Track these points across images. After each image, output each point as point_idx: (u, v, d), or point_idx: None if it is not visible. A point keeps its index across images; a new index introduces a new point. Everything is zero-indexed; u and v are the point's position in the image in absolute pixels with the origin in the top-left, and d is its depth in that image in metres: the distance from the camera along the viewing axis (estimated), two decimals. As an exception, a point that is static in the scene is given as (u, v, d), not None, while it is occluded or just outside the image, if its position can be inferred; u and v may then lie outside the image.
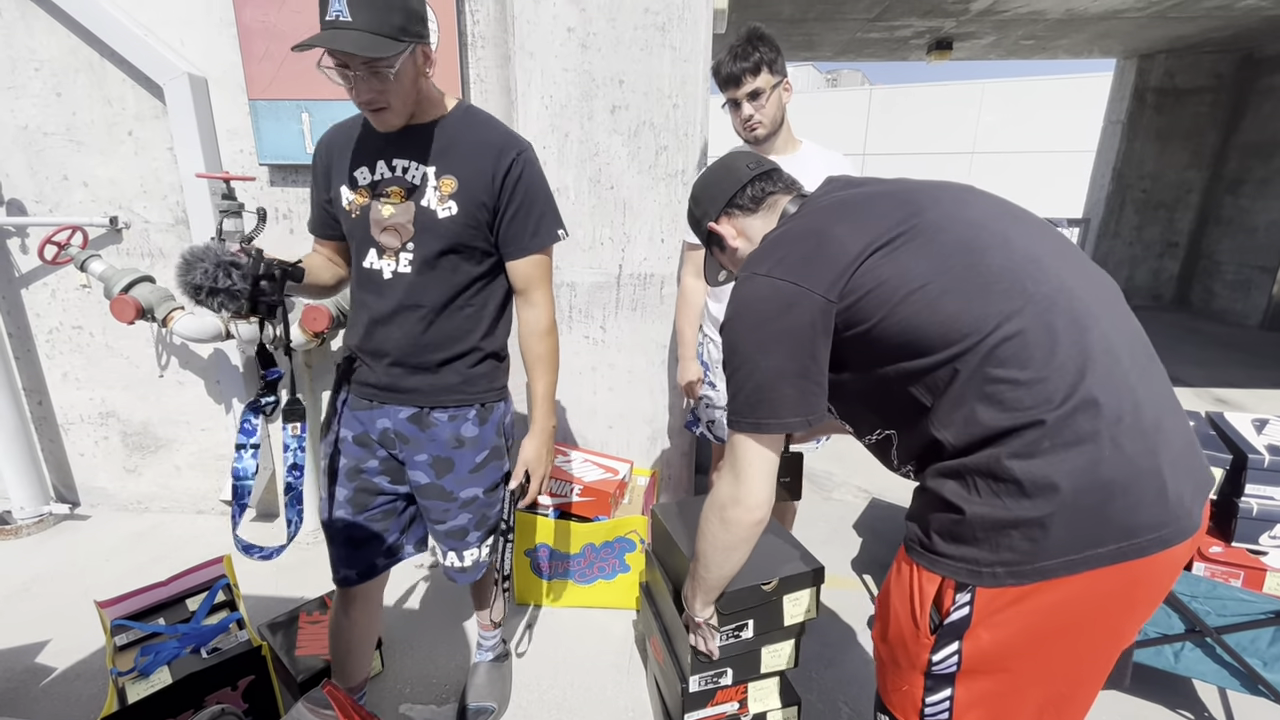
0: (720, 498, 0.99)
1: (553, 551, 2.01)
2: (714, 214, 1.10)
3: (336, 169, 1.21)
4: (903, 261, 0.82)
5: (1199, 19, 5.20)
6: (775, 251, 0.90)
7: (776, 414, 0.88)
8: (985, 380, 0.77)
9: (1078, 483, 0.73)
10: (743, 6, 4.74)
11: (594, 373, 2.21)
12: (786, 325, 0.85)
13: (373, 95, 1.08)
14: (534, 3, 1.88)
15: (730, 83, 1.64)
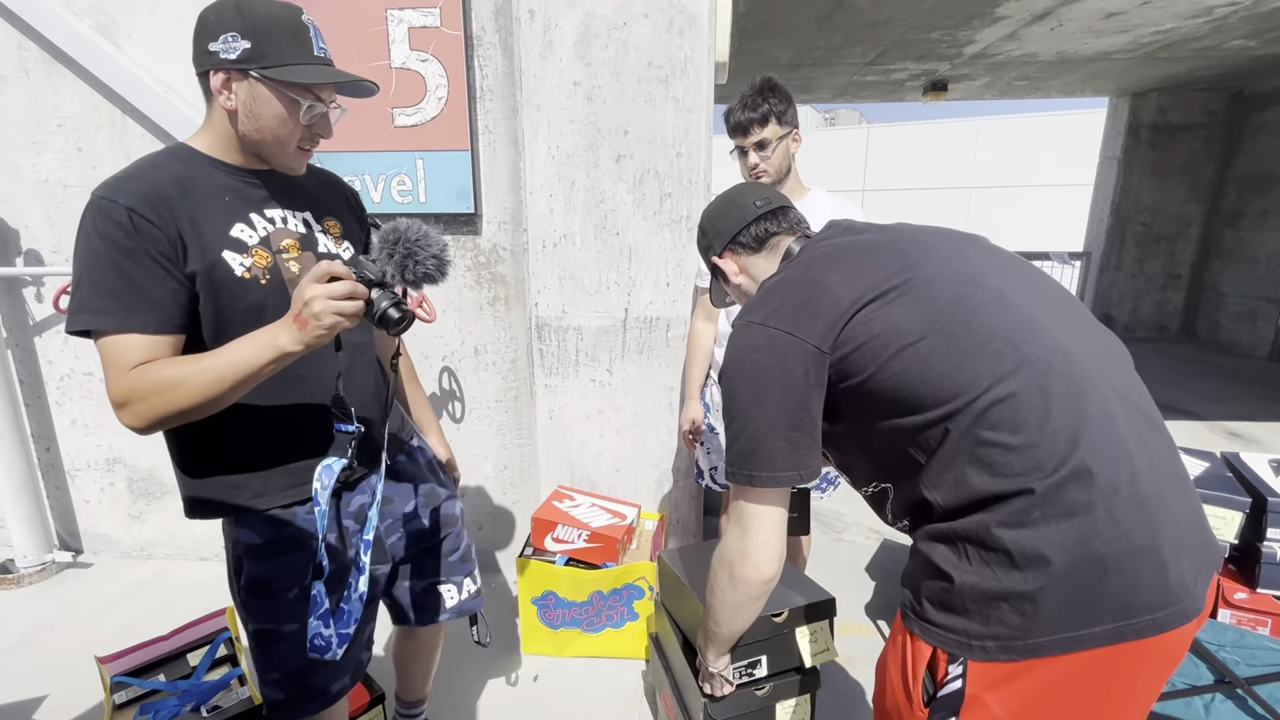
0: (728, 554, 0.96)
1: (559, 599, 1.97)
2: (718, 249, 1.10)
3: (196, 234, 0.94)
4: (895, 315, 0.81)
5: (1188, 59, 5.32)
6: (770, 300, 0.91)
7: (769, 467, 0.87)
8: (976, 442, 0.75)
9: (1069, 556, 0.70)
10: (742, 53, 4.89)
11: (600, 416, 2.21)
12: (780, 375, 0.85)
13: (327, 133, 1.04)
14: (541, 58, 1.94)
15: (738, 131, 1.68)
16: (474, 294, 2.30)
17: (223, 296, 0.95)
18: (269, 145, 0.99)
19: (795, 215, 1.09)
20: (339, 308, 0.85)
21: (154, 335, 0.90)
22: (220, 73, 0.93)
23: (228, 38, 0.92)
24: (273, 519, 1.08)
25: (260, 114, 0.95)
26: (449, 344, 2.35)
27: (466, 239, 2.25)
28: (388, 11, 2.01)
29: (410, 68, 2.05)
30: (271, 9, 0.95)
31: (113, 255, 0.87)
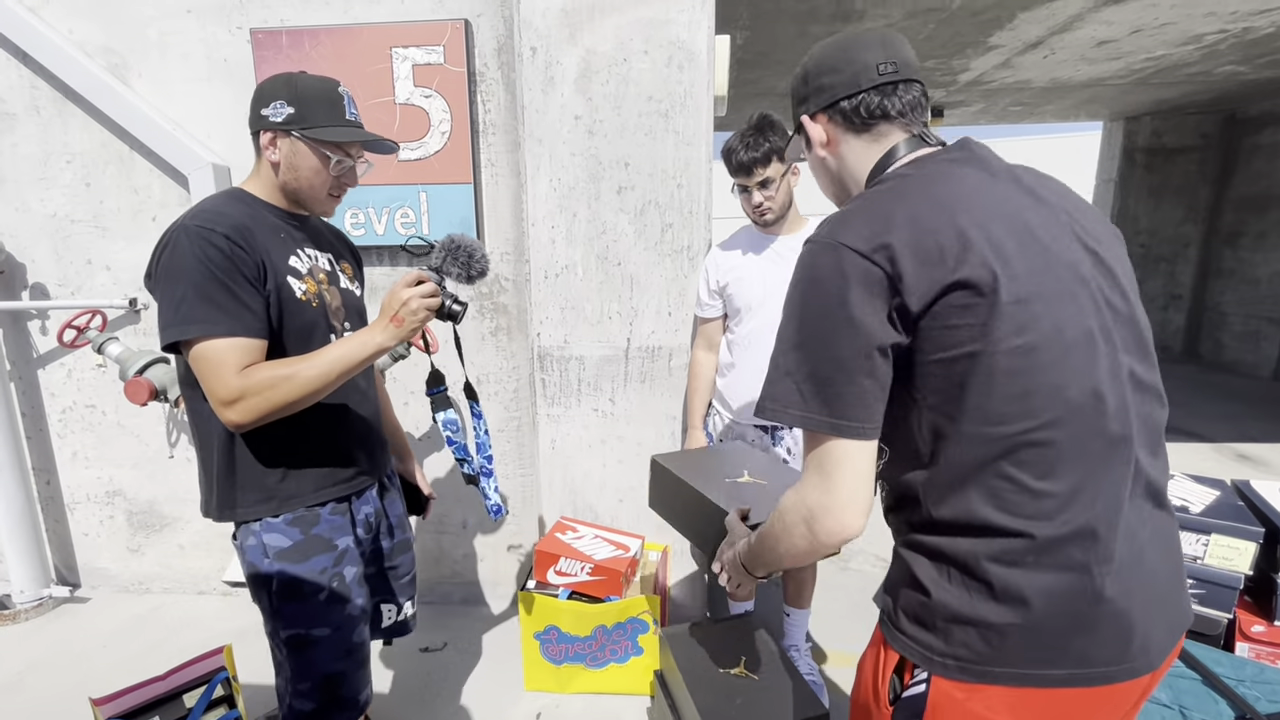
0: (807, 504, 0.79)
1: (562, 634, 1.94)
2: (814, 107, 0.90)
3: (270, 260, 1.13)
4: (1000, 316, 0.70)
5: (1180, 84, 5.40)
6: (871, 223, 0.75)
7: (835, 410, 0.74)
8: (995, 474, 0.73)
9: (1049, 606, 0.71)
10: (740, 83, 4.97)
11: (603, 445, 2.19)
12: (863, 314, 0.72)
13: (353, 184, 1.26)
14: (543, 94, 1.98)
15: (741, 171, 1.70)
16: (476, 324, 2.30)
17: (285, 314, 1.14)
18: (305, 192, 1.20)
19: (917, 98, 0.88)
20: (428, 304, 1.11)
21: (254, 339, 1.07)
22: (269, 132, 1.15)
23: (277, 105, 1.14)
24: (302, 519, 1.20)
25: (299, 166, 1.17)
26: (452, 374, 2.34)
27: (469, 270, 2.27)
28: (393, 49, 2.05)
29: (414, 103, 2.08)
30: (315, 82, 1.17)
31: (215, 273, 1.04)
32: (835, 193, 0.97)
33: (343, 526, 1.25)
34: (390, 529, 1.43)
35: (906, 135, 0.86)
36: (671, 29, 1.90)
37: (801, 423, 0.76)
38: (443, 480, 2.44)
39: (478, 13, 2.07)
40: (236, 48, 2.14)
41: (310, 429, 1.19)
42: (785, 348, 0.78)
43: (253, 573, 1.20)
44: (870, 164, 0.88)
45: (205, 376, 1.05)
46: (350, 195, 2.15)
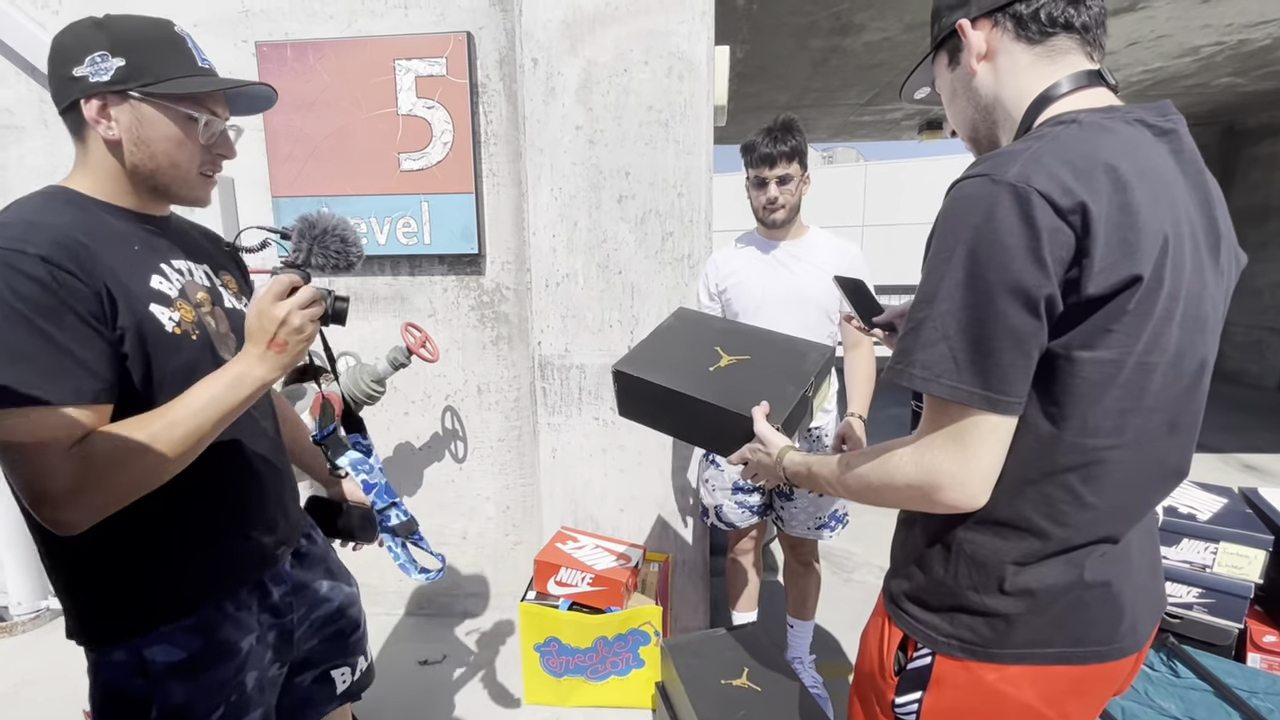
0: (936, 472, 0.69)
1: (562, 646, 1.92)
2: (979, 9, 0.74)
3: (120, 286, 0.80)
4: (1138, 323, 0.64)
5: (1178, 96, 5.43)
6: (1071, 170, 0.62)
7: (992, 383, 0.65)
8: (1058, 483, 0.70)
9: (1053, 593, 0.73)
10: (740, 96, 5.02)
11: (604, 455, 2.18)
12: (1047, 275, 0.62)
13: (230, 155, 0.94)
14: (544, 104, 1.99)
15: (764, 162, 1.72)
16: (477, 333, 2.30)
17: (154, 356, 0.82)
18: (167, 174, 0.87)
19: (1102, 16, 0.73)
20: (313, 313, 0.83)
21: (87, 407, 0.74)
22: (94, 99, 0.81)
23: (95, 58, 0.80)
24: (205, 622, 0.89)
25: (151, 138, 0.84)
26: (452, 383, 2.35)
27: (470, 279, 2.27)
28: (395, 62, 2.07)
29: (417, 114, 2.10)
30: (140, 22, 0.85)
31: (26, 316, 0.71)
32: (977, 123, 0.80)
33: (248, 622, 0.95)
34: (320, 598, 1.13)
35: (1087, 63, 0.72)
36: (671, 40, 1.92)
37: (951, 394, 0.65)
38: (439, 489, 2.43)
39: (480, 25, 2.10)
40: (242, 61, 2.16)
41: (199, 497, 0.89)
42: (944, 308, 0.65)
43: (116, 698, 0.86)
44: (1038, 87, 0.72)
45: (16, 465, 0.72)
46: (351, 205, 2.16)
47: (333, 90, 2.10)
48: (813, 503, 1.83)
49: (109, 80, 0.81)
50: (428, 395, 2.36)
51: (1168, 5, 3.43)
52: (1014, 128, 0.76)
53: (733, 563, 2.08)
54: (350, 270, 0.91)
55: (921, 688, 0.79)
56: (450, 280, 2.28)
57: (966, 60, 0.76)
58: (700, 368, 1.19)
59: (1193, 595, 1.59)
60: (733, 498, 1.90)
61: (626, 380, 1.22)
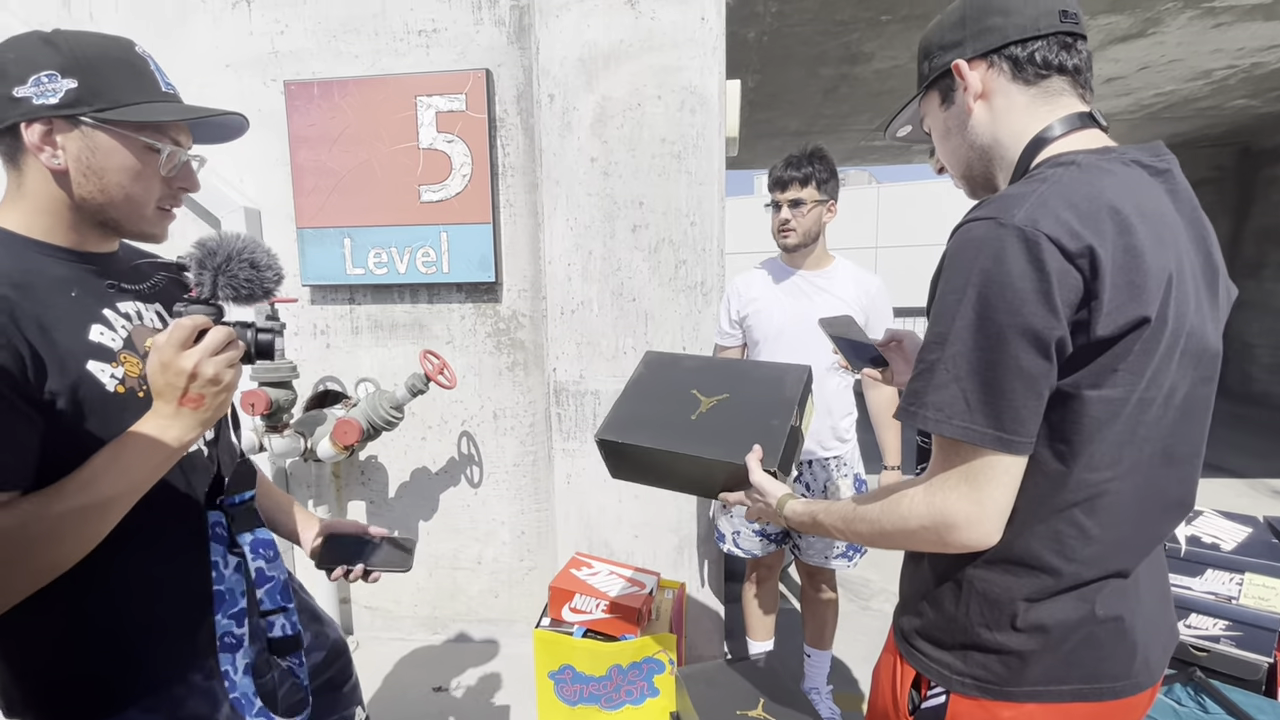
0: (949, 512, 0.69)
1: (576, 673, 1.91)
2: (974, 50, 0.75)
3: (50, 345, 0.71)
4: (1144, 362, 0.65)
5: (1192, 118, 5.42)
6: (1077, 214, 0.63)
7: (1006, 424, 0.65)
8: (1066, 519, 0.70)
9: (1065, 629, 0.73)
10: (752, 123, 5.09)
11: (618, 480, 2.19)
12: (1057, 318, 0.63)
13: (192, 188, 0.85)
14: (560, 137, 2.05)
15: (777, 185, 1.77)
16: (494, 359, 2.34)
17: (92, 420, 0.72)
18: (120, 208, 0.78)
19: (1090, 60, 0.75)
20: (229, 358, 0.72)
21: None
22: (37, 123, 0.72)
23: (42, 79, 0.71)
24: (166, 701, 0.81)
25: (104, 169, 0.75)
26: (468, 408, 2.38)
27: (487, 306, 2.32)
28: (417, 98, 2.15)
29: (437, 148, 2.17)
30: (98, 41, 0.76)
31: None
32: (972, 162, 0.81)
33: (220, 691, 0.85)
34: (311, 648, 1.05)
35: (1080, 104, 0.74)
36: (684, 75, 1.97)
37: (965, 435, 0.66)
38: (454, 514, 2.45)
39: (498, 62, 2.17)
40: (270, 99, 2.25)
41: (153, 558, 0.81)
42: (955, 349, 0.66)
43: None
44: (1034, 128, 0.73)
45: None
46: (373, 236, 2.23)
47: (357, 126, 2.18)
48: (828, 530, 1.83)
49: (57, 103, 0.72)
50: (444, 420, 2.39)
51: (1178, 30, 3.45)
52: (1010, 168, 0.77)
53: (749, 591, 2.06)
54: (268, 297, 0.80)
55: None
56: (468, 308, 2.32)
57: (963, 100, 0.77)
58: (682, 418, 1.15)
59: (1219, 628, 1.56)
60: (750, 525, 1.89)
61: (613, 446, 1.18)
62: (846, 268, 1.86)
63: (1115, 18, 3.26)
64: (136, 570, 0.80)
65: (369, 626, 2.54)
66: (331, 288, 2.34)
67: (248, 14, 2.24)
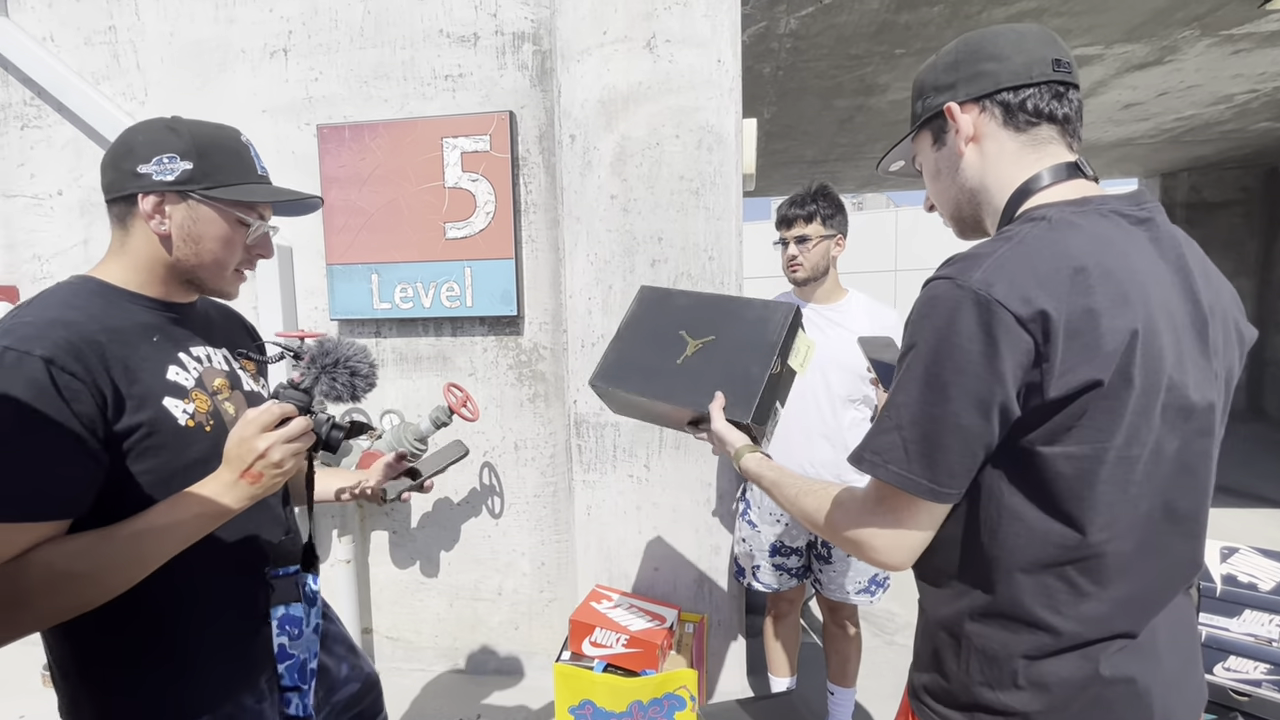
0: (865, 533, 0.74)
1: (597, 709, 1.89)
2: (967, 94, 0.76)
3: (132, 384, 0.81)
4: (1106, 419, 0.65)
5: (1215, 141, 5.37)
6: (1033, 278, 0.64)
7: (940, 476, 0.69)
8: (1055, 574, 0.70)
9: (1068, 690, 0.71)
10: (768, 153, 5.16)
11: (638, 512, 2.20)
12: (1001, 383, 0.64)
13: (268, 254, 1.00)
14: (580, 176, 2.11)
15: (782, 223, 1.83)
16: (515, 391, 2.38)
17: (166, 451, 0.82)
18: (207, 269, 0.92)
19: (1080, 110, 0.76)
20: (294, 450, 0.81)
21: (34, 523, 0.72)
22: (152, 195, 0.86)
23: (165, 159, 0.86)
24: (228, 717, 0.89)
25: (202, 236, 0.89)
26: (490, 439, 2.41)
27: (509, 339, 2.36)
28: (443, 139, 2.23)
29: (462, 187, 2.24)
30: (211, 129, 0.92)
31: (4, 426, 0.71)
32: (962, 204, 0.82)
33: (270, 715, 0.95)
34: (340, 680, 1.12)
35: (1067, 154, 0.75)
36: (701, 115, 2.02)
37: (899, 481, 0.70)
38: (475, 544, 2.46)
39: (521, 105, 2.25)
40: (304, 141, 2.35)
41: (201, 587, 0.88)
42: (902, 399, 0.70)
43: None
44: (1021, 176, 0.75)
45: None
46: (400, 271, 2.29)
47: (385, 166, 2.27)
48: (852, 566, 1.81)
49: (173, 180, 0.86)
50: (466, 451, 2.42)
51: (1196, 57, 3.45)
52: (997, 214, 0.78)
53: (769, 627, 2.04)
54: (355, 402, 0.92)
55: None
56: (490, 340, 2.37)
57: (954, 142, 0.79)
58: (669, 364, 1.18)
59: (1260, 671, 1.50)
60: (770, 560, 1.88)
61: (601, 390, 1.24)
62: (861, 301, 1.87)
63: (1132, 46, 3.27)
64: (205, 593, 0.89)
65: (390, 657, 2.56)
66: (359, 322, 2.40)
67: (284, 63, 2.35)
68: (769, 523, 1.87)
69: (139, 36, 2.42)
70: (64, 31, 2.46)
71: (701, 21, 1.99)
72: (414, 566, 2.50)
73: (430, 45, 2.27)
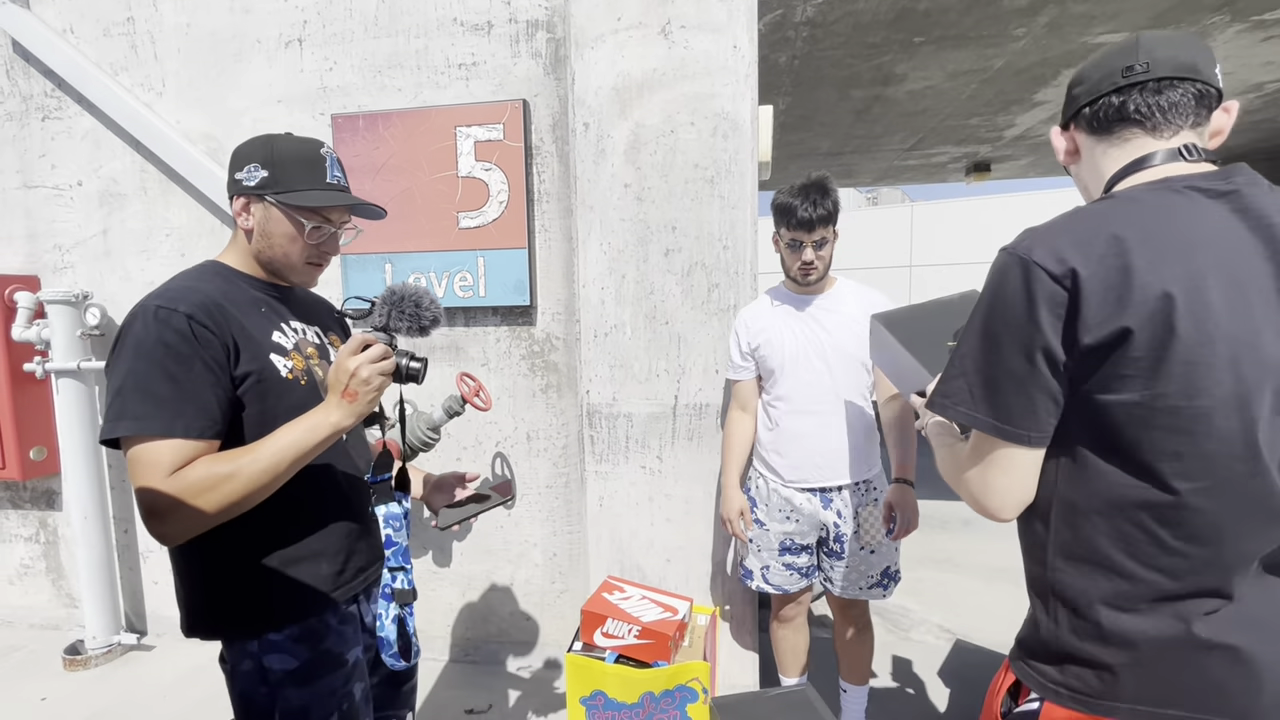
0: (970, 485, 0.85)
1: (608, 700, 1.89)
2: (1064, 118, 0.91)
3: (247, 340, 1.00)
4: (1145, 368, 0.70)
5: (1245, 131, 5.24)
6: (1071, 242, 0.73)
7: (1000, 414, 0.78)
8: (1130, 520, 0.73)
9: (1157, 648, 0.73)
10: (783, 144, 5.11)
11: (651, 503, 2.19)
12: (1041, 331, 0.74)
13: (335, 252, 1.14)
14: (594, 164, 2.09)
15: (802, 227, 1.69)
16: (528, 381, 2.37)
17: (270, 396, 1.00)
18: (280, 261, 1.08)
19: (1175, 100, 0.79)
20: (382, 368, 0.96)
21: (195, 440, 0.91)
22: (241, 197, 1.05)
23: (251, 168, 1.04)
24: (310, 632, 1.03)
25: (271, 233, 1.05)
26: (503, 430, 2.41)
27: (522, 329, 2.36)
28: (457, 129, 2.22)
29: (475, 176, 2.23)
30: (294, 144, 1.06)
31: (165, 362, 0.90)
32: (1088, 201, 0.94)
33: (352, 636, 1.10)
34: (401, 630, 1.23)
35: (1159, 144, 0.80)
36: (717, 102, 2.00)
37: (967, 420, 0.81)
38: (487, 535, 2.46)
39: (535, 93, 2.23)
40: (319, 131, 2.35)
41: (307, 517, 1.06)
42: (965, 349, 0.82)
43: (247, 704, 1.02)
44: (1109, 171, 0.83)
45: (133, 480, 0.90)
46: (413, 261, 2.29)
47: (399, 156, 2.26)
48: (863, 560, 1.78)
49: (254, 186, 1.04)
50: (479, 441, 2.42)
51: (1225, 44, 3.36)
52: None
53: (778, 629, 2.01)
54: (425, 333, 1.06)
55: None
56: (503, 331, 2.37)
57: (1061, 158, 0.93)
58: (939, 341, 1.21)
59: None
60: (780, 559, 1.85)
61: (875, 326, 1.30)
62: (849, 287, 1.83)
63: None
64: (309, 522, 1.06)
65: (403, 646, 2.57)
66: (372, 311, 2.41)
67: (299, 53, 2.36)
68: (778, 519, 1.84)
69: (156, 28, 2.44)
70: (84, 24, 2.48)
71: (717, 6, 1.97)
72: (426, 556, 2.51)
73: (444, 34, 2.26)
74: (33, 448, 2.56)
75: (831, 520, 1.79)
